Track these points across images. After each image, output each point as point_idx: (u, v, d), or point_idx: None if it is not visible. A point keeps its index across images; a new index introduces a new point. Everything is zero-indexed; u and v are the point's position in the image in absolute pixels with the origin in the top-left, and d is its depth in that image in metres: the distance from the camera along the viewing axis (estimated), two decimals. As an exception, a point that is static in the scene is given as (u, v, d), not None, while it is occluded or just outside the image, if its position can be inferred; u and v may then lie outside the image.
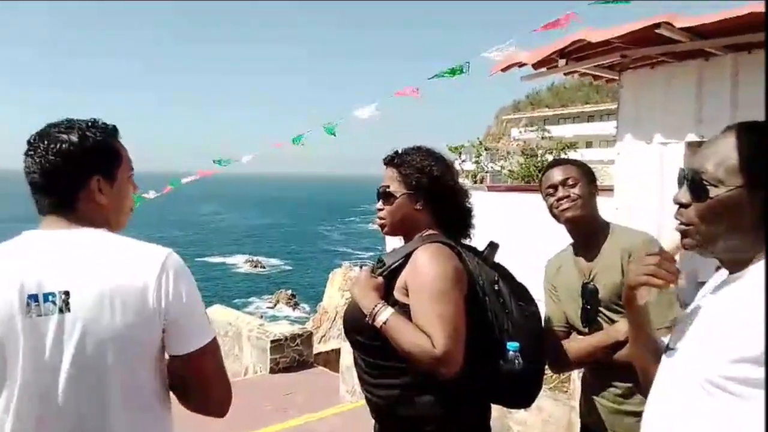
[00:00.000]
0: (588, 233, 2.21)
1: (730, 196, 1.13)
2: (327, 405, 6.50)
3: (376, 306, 1.79)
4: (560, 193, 2.17)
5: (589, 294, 2.17)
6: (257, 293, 37.54)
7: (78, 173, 1.46)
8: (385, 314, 1.76)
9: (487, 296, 1.86)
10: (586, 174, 2.21)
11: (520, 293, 1.94)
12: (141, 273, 1.38)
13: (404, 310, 1.78)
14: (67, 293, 1.33)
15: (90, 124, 1.50)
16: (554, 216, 2.22)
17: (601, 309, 2.16)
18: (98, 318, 1.34)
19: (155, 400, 1.46)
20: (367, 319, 1.80)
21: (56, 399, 1.33)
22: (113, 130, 1.55)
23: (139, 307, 1.37)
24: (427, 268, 1.76)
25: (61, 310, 1.33)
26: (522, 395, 1.95)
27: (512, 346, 1.79)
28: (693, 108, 4.87)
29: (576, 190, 2.15)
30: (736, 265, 1.18)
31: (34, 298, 1.32)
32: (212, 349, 1.48)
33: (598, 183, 2.28)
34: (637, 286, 1.35)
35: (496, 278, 1.91)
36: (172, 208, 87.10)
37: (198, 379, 1.48)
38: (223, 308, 10.58)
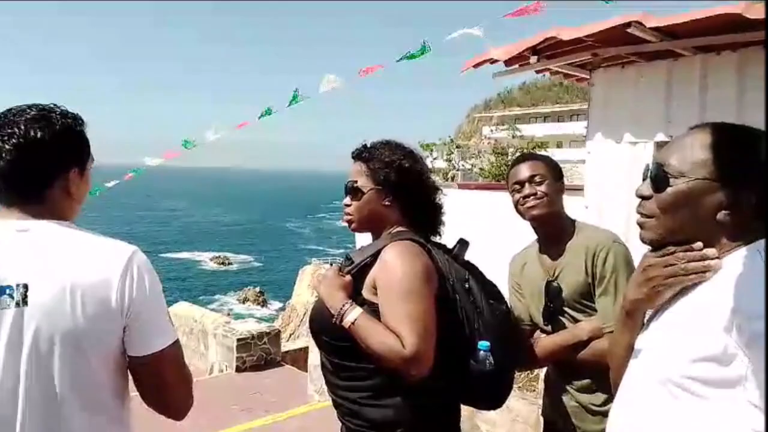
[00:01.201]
0: (553, 231, 2.20)
1: (690, 187, 1.15)
2: (295, 404, 6.43)
3: (343, 306, 1.73)
4: (527, 190, 2.15)
5: (552, 292, 2.16)
6: (224, 290, 36.98)
7: (60, 163, 1.42)
8: (353, 314, 1.71)
9: (457, 295, 1.81)
10: (554, 170, 2.20)
11: (491, 291, 1.91)
12: (105, 269, 1.36)
13: (373, 309, 1.73)
14: (26, 286, 1.29)
15: (63, 112, 1.45)
16: (519, 212, 2.21)
17: (564, 308, 2.16)
18: (57, 313, 1.30)
19: (114, 399, 1.42)
20: (334, 319, 1.74)
21: (11, 396, 1.29)
22: (83, 120, 1.51)
23: (102, 304, 1.34)
24: (395, 265, 1.72)
25: (18, 304, 1.28)
26: (493, 396, 1.90)
27: (483, 345, 1.75)
28: (662, 108, 4.91)
29: (543, 188, 2.14)
30: None
31: None
32: (173, 351, 1.45)
33: (568, 182, 2.27)
34: (665, 285, 1.22)
35: (466, 276, 1.86)
36: (137, 204, 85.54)
37: (157, 381, 1.45)
38: (188, 305, 10.40)
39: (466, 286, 1.84)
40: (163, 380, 1.45)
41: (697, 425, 1.06)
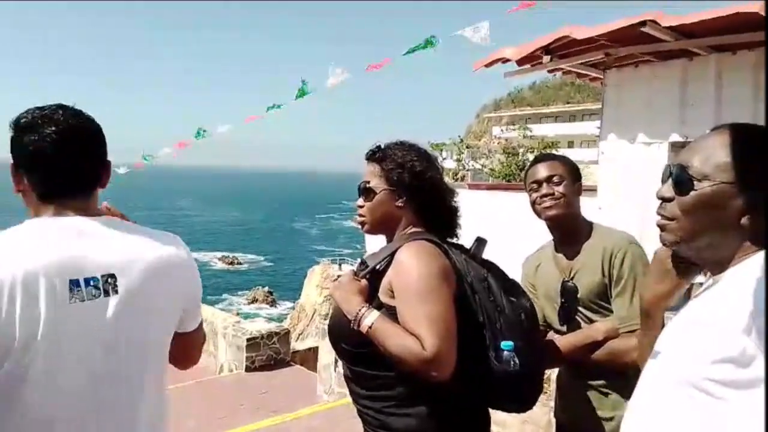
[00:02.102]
0: (569, 231, 2.19)
1: (714, 191, 1.12)
2: (304, 404, 6.41)
3: (360, 310, 1.69)
4: (544, 190, 2.15)
5: (568, 292, 2.14)
6: (233, 290, 37.13)
7: (104, 153, 1.48)
8: (370, 318, 1.67)
9: (477, 294, 1.76)
10: (572, 171, 2.19)
11: (511, 289, 1.85)
12: (176, 254, 1.49)
13: (391, 312, 1.69)
14: (112, 276, 1.35)
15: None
16: (536, 212, 2.20)
17: (579, 308, 2.14)
18: (148, 298, 1.40)
19: (167, 373, 1.55)
20: (352, 324, 1.69)
21: (107, 382, 1.35)
22: None
23: (180, 286, 1.50)
24: (411, 266, 1.67)
25: (107, 293, 1.34)
26: (520, 397, 1.81)
27: (506, 345, 1.69)
28: (677, 108, 4.86)
29: (560, 189, 2.13)
30: (715, 265, 1.18)
31: (75, 283, 1.30)
32: (198, 332, 1.64)
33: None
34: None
35: (485, 275, 1.81)
36: (143, 203, 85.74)
37: (178, 349, 1.59)
38: (198, 305, 10.40)
39: (485, 284, 1.79)
40: (184, 349, 1.62)
41: (714, 426, 1.04)
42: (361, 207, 1.91)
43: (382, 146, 1.93)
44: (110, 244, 1.38)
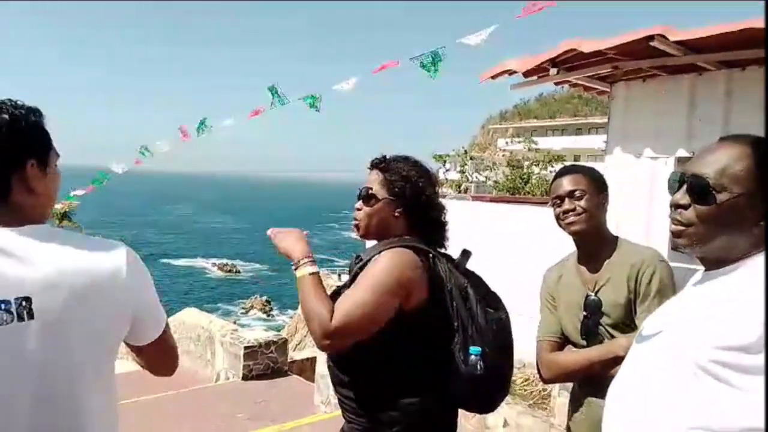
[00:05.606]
0: (594, 245, 2.18)
1: (734, 203, 1.20)
2: (300, 415, 6.34)
3: (304, 258, 1.87)
4: (566, 205, 2.13)
5: (591, 306, 2.12)
6: (230, 298, 36.82)
7: (12, 156, 1.31)
8: (307, 269, 1.85)
9: (454, 301, 1.89)
10: (596, 183, 2.17)
11: (490, 300, 1.97)
12: (109, 269, 1.33)
13: None
14: (27, 299, 1.22)
15: (14, 104, 1.34)
16: (560, 226, 2.19)
17: (601, 323, 2.10)
18: (68, 322, 1.26)
19: (113, 389, 1.43)
20: (293, 267, 1.87)
21: (21, 412, 1.24)
22: (39, 113, 1.40)
23: (112, 305, 1.33)
24: (380, 263, 1.82)
25: (21, 318, 1.21)
26: (483, 399, 1.96)
27: (474, 350, 1.83)
28: (684, 123, 4.83)
29: (582, 203, 2.11)
30: (718, 263, 1.25)
31: None
32: (165, 337, 1.52)
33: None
34: None
35: (465, 284, 1.93)
36: (143, 209, 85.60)
37: (151, 361, 1.56)
38: (196, 312, 10.34)
39: (464, 293, 1.91)
40: (152, 359, 1.56)
41: (722, 408, 1.10)
42: (359, 210, 2.02)
43: (388, 157, 2.05)
44: (30, 261, 1.23)
